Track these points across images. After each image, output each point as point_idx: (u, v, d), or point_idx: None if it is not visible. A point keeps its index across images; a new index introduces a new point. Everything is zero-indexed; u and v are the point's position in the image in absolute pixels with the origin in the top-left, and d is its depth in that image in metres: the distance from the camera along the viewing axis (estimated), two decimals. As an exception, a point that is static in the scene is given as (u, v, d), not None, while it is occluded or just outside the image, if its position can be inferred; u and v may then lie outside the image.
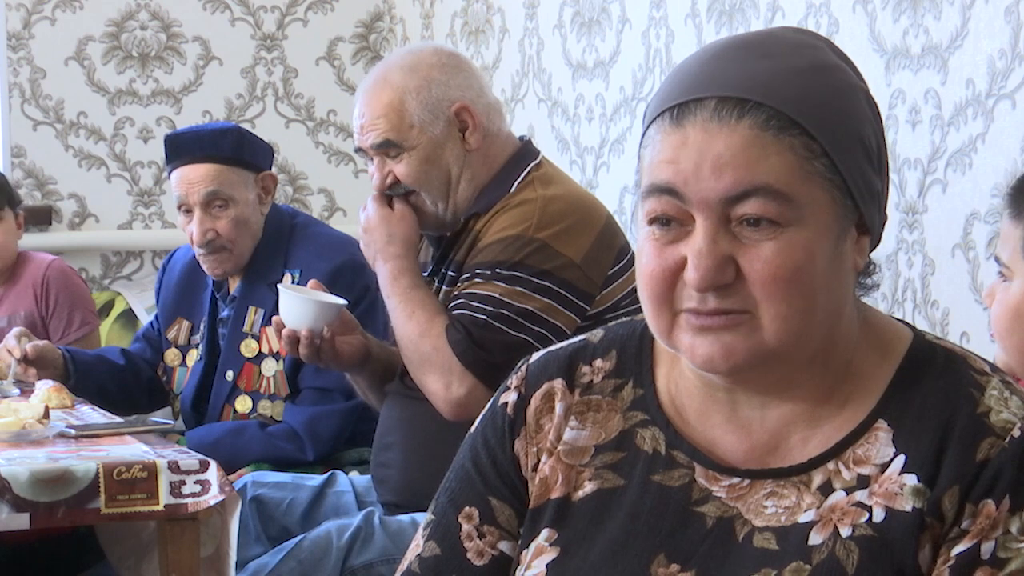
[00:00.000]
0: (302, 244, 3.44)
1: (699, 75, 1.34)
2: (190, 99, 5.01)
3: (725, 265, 1.31)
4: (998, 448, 1.32)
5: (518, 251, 2.67)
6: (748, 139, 1.30)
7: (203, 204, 3.38)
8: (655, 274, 1.34)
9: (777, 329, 1.31)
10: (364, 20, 5.19)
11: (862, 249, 1.37)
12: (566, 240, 2.68)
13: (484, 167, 2.80)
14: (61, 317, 3.96)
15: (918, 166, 3.14)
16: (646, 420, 1.44)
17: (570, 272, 2.66)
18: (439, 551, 1.48)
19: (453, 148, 2.78)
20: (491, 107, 2.82)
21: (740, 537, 1.36)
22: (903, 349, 1.40)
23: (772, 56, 1.34)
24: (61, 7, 4.89)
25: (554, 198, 2.73)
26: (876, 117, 1.37)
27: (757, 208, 1.30)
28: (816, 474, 1.36)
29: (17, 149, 4.86)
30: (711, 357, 1.33)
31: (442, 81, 2.78)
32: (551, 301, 2.65)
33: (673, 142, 1.32)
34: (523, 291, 2.65)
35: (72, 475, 2.40)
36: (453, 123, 2.77)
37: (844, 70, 1.36)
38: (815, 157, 1.31)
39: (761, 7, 3.55)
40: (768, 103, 1.30)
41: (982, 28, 2.98)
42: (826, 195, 1.32)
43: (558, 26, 4.33)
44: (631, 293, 2.70)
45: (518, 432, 1.48)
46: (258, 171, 3.45)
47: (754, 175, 1.30)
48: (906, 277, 3.18)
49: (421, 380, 2.69)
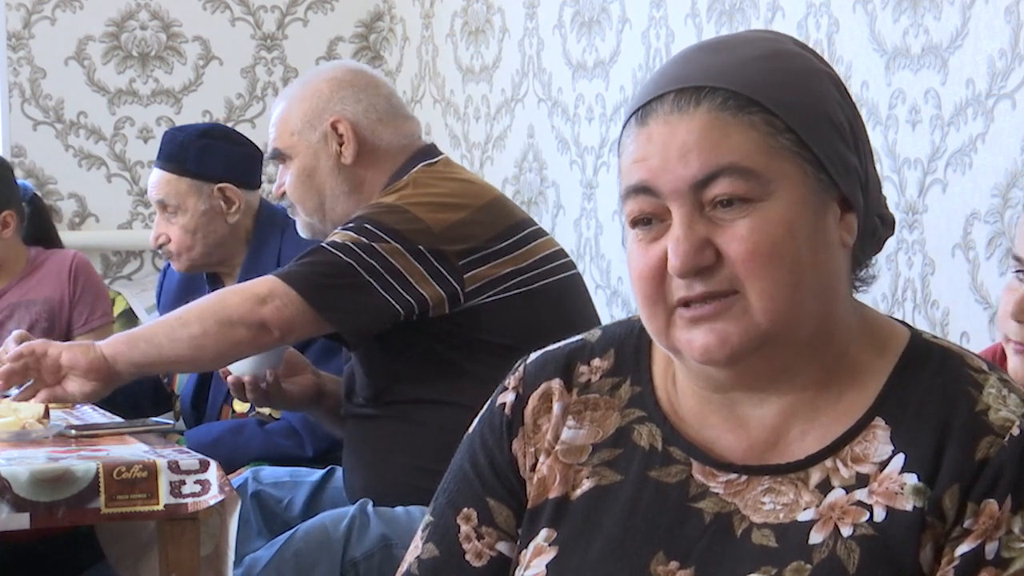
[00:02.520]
0: (296, 243, 3.44)
1: (659, 77, 1.38)
2: (190, 99, 5.01)
3: (703, 248, 1.32)
4: (998, 446, 1.32)
5: (379, 209, 2.69)
6: (708, 122, 1.32)
7: (158, 208, 3.51)
8: (643, 272, 1.35)
9: (765, 307, 1.32)
10: (364, 20, 5.19)
11: (848, 226, 1.37)
12: (428, 210, 2.69)
13: (370, 180, 2.82)
14: (86, 304, 4.01)
15: (918, 166, 3.14)
16: (643, 417, 1.44)
17: (423, 237, 2.65)
18: (438, 553, 1.48)
19: (328, 160, 2.83)
20: (381, 122, 2.84)
21: (738, 533, 1.36)
22: (900, 347, 1.40)
23: (730, 49, 1.37)
24: (61, 7, 4.89)
25: (427, 182, 2.76)
26: (845, 99, 1.38)
27: (726, 188, 1.31)
28: (814, 471, 1.36)
29: (17, 149, 4.86)
30: (708, 347, 1.33)
31: (325, 94, 2.84)
32: (409, 257, 2.64)
33: (640, 141, 1.35)
34: (381, 239, 2.64)
35: (72, 475, 2.40)
36: (330, 136, 2.82)
37: (805, 56, 1.38)
38: (779, 132, 1.32)
39: (761, 7, 3.56)
40: (723, 86, 1.33)
41: (982, 28, 2.98)
42: (796, 168, 1.33)
43: (558, 26, 4.33)
44: (507, 278, 2.70)
45: (516, 432, 1.48)
46: (217, 181, 3.47)
47: (719, 156, 1.31)
48: (906, 277, 3.17)
49: (229, 333, 2.62)
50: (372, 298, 2.63)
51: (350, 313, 2.64)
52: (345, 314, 2.64)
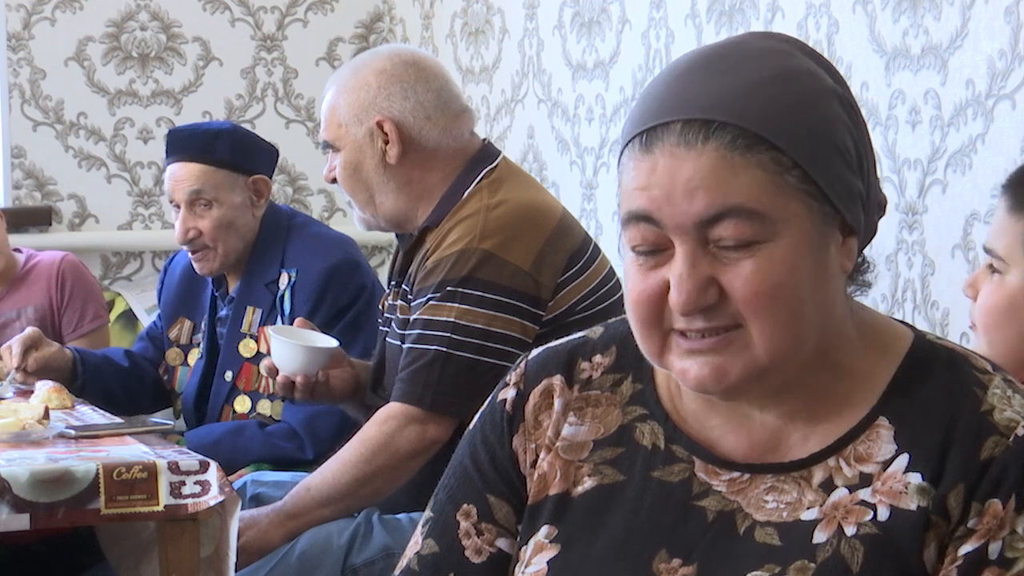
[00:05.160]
0: (299, 243, 3.44)
1: (664, 98, 1.34)
2: (190, 100, 5.01)
3: (707, 287, 1.31)
4: (1002, 447, 1.32)
5: (464, 265, 2.64)
6: (715, 161, 1.30)
7: (187, 202, 3.42)
8: (641, 299, 1.34)
9: (767, 345, 1.32)
10: (364, 20, 5.19)
11: (849, 251, 1.37)
12: (512, 247, 2.65)
13: (419, 180, 2.77)
14: (75, 309, 3.96)
15: (918, 166, 3.14)
16: (645, 415, 1.44)
17: (519, 280, 2.63)
18: (438, 549, 1.48)
19: (373, 158, 2.77)
20: (429, 120, 2.77)
21: (741, 531, 1.36)
22: (903, 349, 1.40)
23: (735, 71, 1.33)
24: (61, 7, 4.89)
25: (498, 205, 2.70)
26: (853, 118, 1.36)
27: (732, 230, 1.30)
28: (817, 470, 1.37)
29: (17, 150, 4.86)
30: (703, 379, 1.33)
31: (373, 88, 2.77)
32: (504, 314, 2.62)
33: (644, 169, 1.33)
34: (475, 310, 2.62)
35: (72, 476, 2.40)
36: (376, 134, 2.76)
37: (813, 74, 1.35)
38: (786, 170, 1.31)
39: (761, 7, 3.55)
40: (733, 121, 1.30)
41: (982, 28, 2.98)
42: (801, 206, 1.32)
43: (558, 26, 4.33)
44: (587, 296, 2.69)
45: (517, 428, 1.48)
46: (249, 174, 3.45)
47: (725, 196, 1.30)
48: (906, 277, 3.17)
49: (404, 462, 2.66)
50: (488, 370, 2.61)
51: (473, 401, 2.62)
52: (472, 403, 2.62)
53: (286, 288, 3.38)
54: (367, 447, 2.64)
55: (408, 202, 2.77)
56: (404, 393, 2.65)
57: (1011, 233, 1.89)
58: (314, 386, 2.77)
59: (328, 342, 2.82)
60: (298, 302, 3.34)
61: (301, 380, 2.76)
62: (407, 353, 2.67)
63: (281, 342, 2.76)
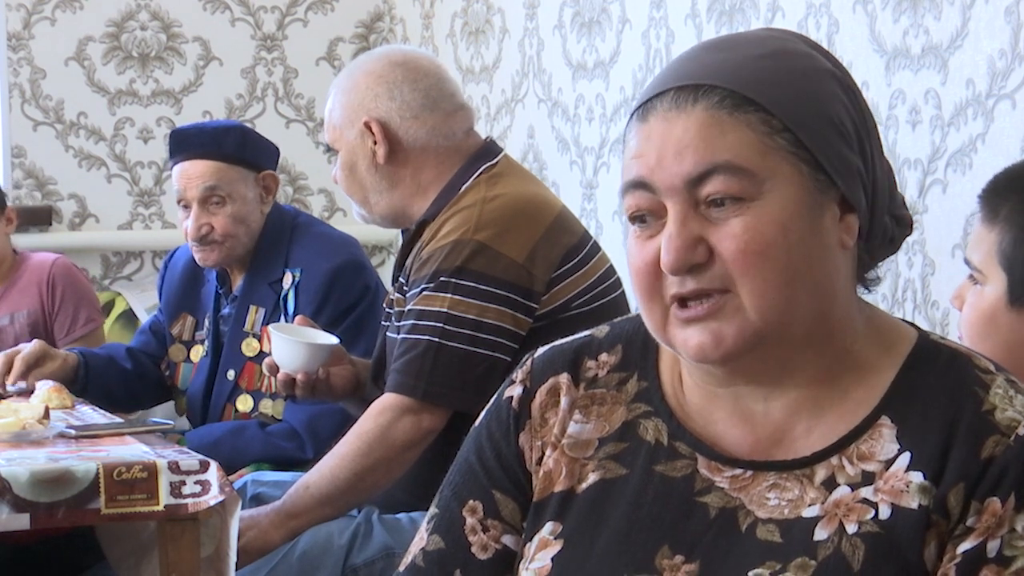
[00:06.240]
0: (303, 243, 3.44)
1: (664, 74, 1.39)
2: (190, 99, 5.01)
3: (695, 245, 1.33)
4: (1003, 446, 1.32)
5: (458, 256, 2.64)
6: (704, 120, 1.33)
7: (200, 199, 3.41)
8: (640, 268, 1.37)
9: (757, 305, 1.33)
10: (364, 20, 5.19)
11: (848, 227, 1.37)
12: (506, 240, 2.65)
13: (410, 178, 2.78)
14: (67, 314, 3.95)
15: (918, 166, 3.14)
16: (649, 411, 1.45)
17: (513, 272, 2.63)
18: (443, 544, 1.49)
19: (365, 158, 2.79)
20: (417, 119, 2.77)
21: (743, 528, 1.37)
22: (907, 347, 1.40)
23: (734, 48, 1.38)
24: (61, 7, 4.89)
25: (495, 198, 2.70)
26: (853, 101, 1.38)
27: (720, 186, 1.32)
28: (819, 468, 1.37)
29: (17, 149, 4.86)
30: (702, 346, 1.34)
31: (361, 90, 2.79)
32: (497, 306, 2.62)
33: (640, 137, 1.37)
34: (468, 300, 2.62)
35: (72, 475, 2.40)
36: (365, 134, 2.78)
37: (811, 56, 1.39)
38: (775, 132, 1.33)
39: (761, 7, 3.56)
40: (721, 84, 1.34)
41: (982, 28, 2.98)
42: (791, 168, 1.33)
43: (558, 26, 4.33)
44: (583, 293, 2.68)
45: (523, 426, 1.48)
46: (259, 170, 3.46)
47: (713, 153, 1.32)
48: (906, 277, 3.18)
49: (400, 454, 2.65)
50: (481, 361, 2.62)
51: (466, 391, 2.62)
52: (465, 393, 2.62)
53: (290, 288, 3.39)
54: (364, 441, 2.65)
55: (402, 199, 2.79)
56: (397, 384, 2.65)
57: (986, 244, 1.88)
58: (315, 383, 2.78)
59: (328, 339, 2.82)
60: (302, 302, 3.34)
61: (301, 377, 2.76)
62: (401, 343, 2.67)
63: (281, 339, 2.76)
